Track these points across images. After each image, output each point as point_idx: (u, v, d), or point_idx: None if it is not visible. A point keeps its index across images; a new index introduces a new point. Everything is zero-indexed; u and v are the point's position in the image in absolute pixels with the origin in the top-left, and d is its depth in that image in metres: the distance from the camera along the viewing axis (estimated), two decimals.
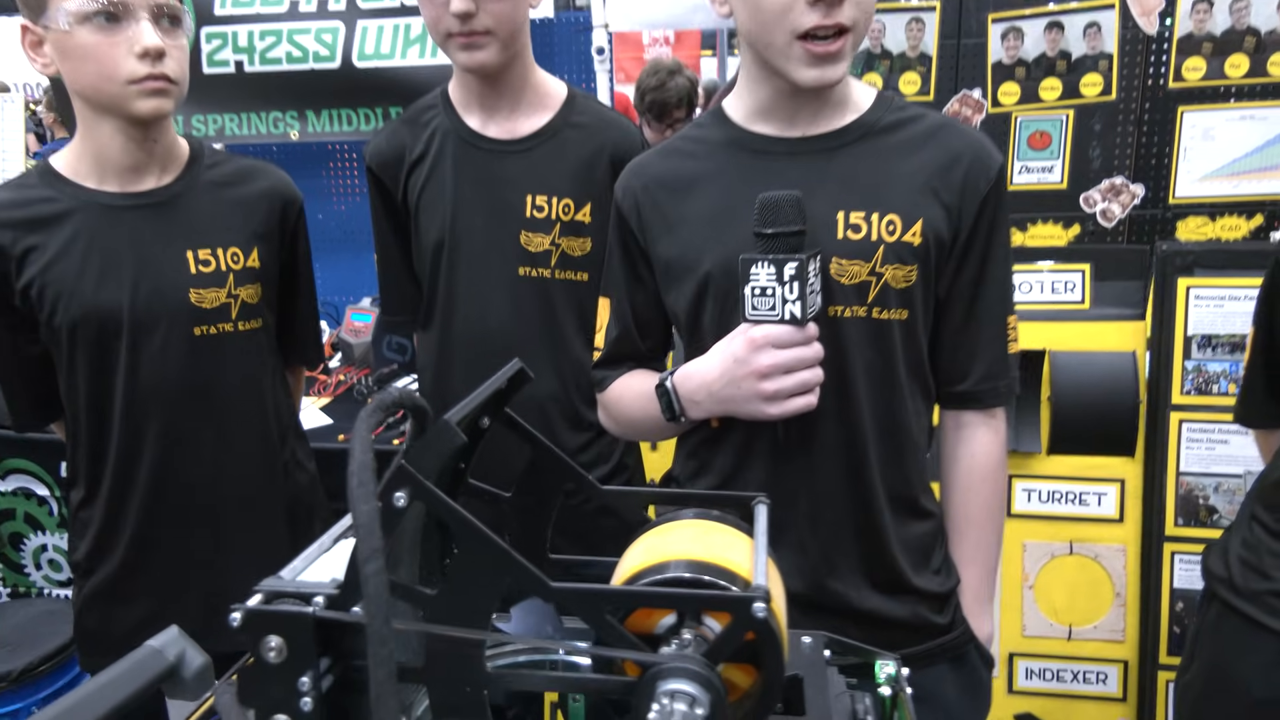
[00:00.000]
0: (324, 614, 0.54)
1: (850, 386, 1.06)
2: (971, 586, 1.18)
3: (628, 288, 1.17)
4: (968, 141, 1.10)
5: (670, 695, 0.50)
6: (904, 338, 1.08)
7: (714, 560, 0.56)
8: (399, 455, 0.54)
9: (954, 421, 1.17)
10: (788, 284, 0.94)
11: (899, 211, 1.05)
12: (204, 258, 1.38)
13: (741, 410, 1.02)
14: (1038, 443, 1.94)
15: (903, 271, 1.05)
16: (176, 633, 0.79)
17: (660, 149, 1.18)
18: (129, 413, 1.36)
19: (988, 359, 1.12)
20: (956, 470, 1.17)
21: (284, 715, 0.54)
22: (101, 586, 1.44)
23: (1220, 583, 1.32)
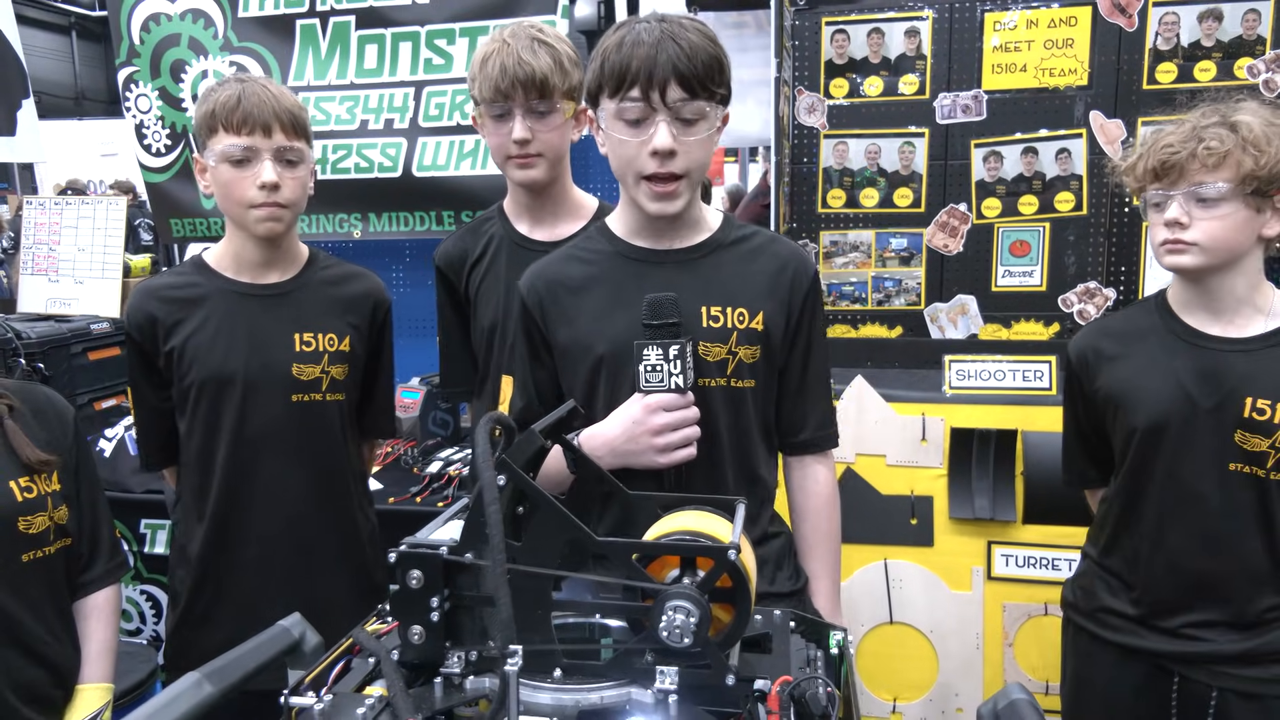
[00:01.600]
0: (448, 557, 0.82)
1: (716, 440, 1.36)
2: (825, 592, 1.47)
3: (531, 368, 1.45)
4: (791, 251, 1.45)
5: (674, 609, 0.78)
6: (754, 401, 1.39)
7: (704, 530, 0.84)
8: (498, 453, 0.83)
9: (799, 464, 1.48)
10: (672, 361, 1.26)
11: (746, 305, 1.37)
12: (307, 339, 1.70)
13: (637, 461, 1.30)
14: (1013, 513, 2.18)
15: (751, 350, 1.37)
16: (299, 617, 1.06)
17: (557, 256, 1.48)
18: (232, 463, 1.66)
19: (819, 413, 1.46)
20: (805, 501, 1.48)
21: (419, 626, 0.82)
22: (194, 614, 1.71)
23: (1070, 608, 1.68)
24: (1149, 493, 1.53)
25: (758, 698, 0.85)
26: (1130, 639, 1.55)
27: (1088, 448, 1.70)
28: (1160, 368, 1.52)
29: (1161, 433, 1.50)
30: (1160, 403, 1.50)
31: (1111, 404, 1.58)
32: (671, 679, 0.79)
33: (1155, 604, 1.53)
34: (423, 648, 0.82)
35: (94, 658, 1.54)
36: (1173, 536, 1.51)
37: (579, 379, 1.40)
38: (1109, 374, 1.58)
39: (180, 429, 1.70)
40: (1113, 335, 1.62)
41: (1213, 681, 1.49)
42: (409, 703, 0.77)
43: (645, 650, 0.81)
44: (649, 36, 1.24)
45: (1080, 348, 1.65)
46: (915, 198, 2.84)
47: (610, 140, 1.32)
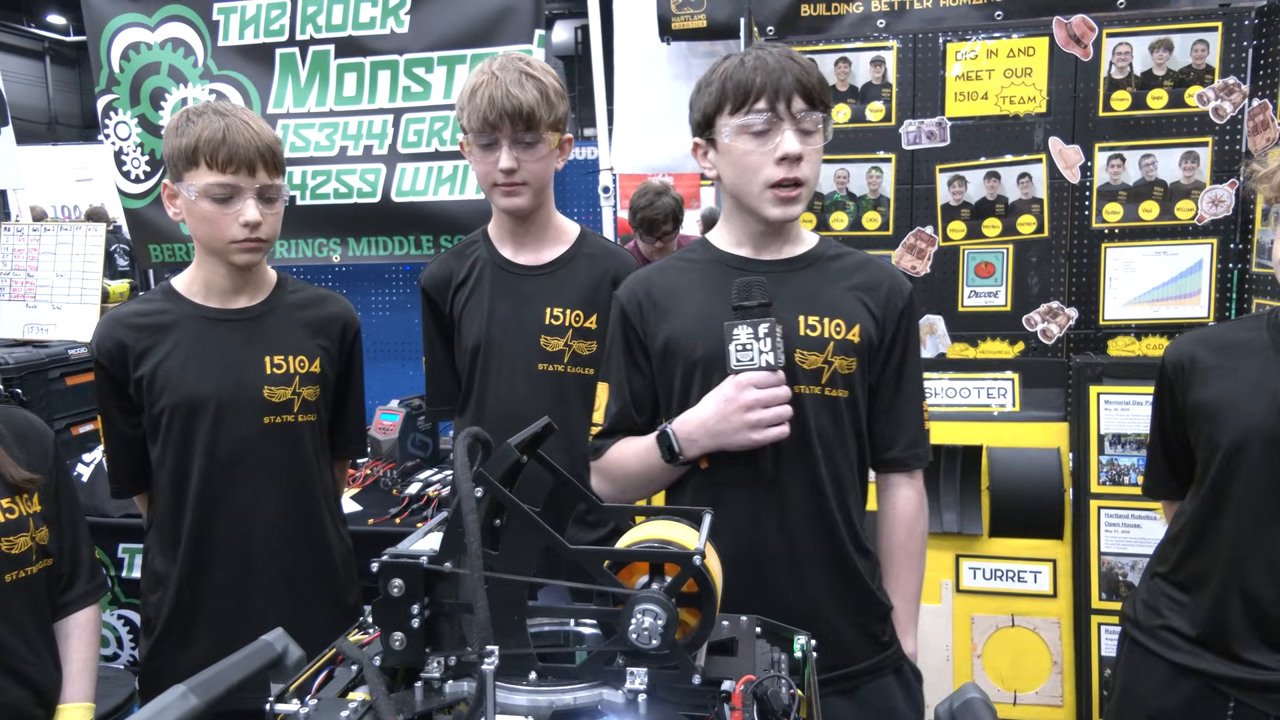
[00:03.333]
0: (428, 566, 0.86)
1: (809, 447, 1.39)
2: (901, 612, 1.49)
3: (627, 373, 1.49)
4: (888, 272, 1.50)
5: (642, 612, 0.82)
6: (846, 411, 1.42)
7: (672, 538, 0.89)
8: (475, 467, 0.87)
9: (884, 482, 1.52)
10: (762, 339, 1.29)
11: (843, 318, 1.41)
12: (278, 362, 1.72)
13: (730, 440, 1.33)
14: (979, 526, 2.24)
15: (846, 361, 1.41)
16: (281, 631, 1.10)
17: (657, 267, 1.55)
18: (206, 486, 1.68)
19: (909, 432, 1.49)
20: (887, 519, 1.51)
21: (400, 632, 0.86)
22: (168, 640, 1.72)
23: (1129, 622, 1.63)
24: (1226, 515, 1.46)
25: (723, 697, 0.89)
26: (1187, 658, 1.51)
27: (1171, 458, 1.63)
28: (1258, 386, 1.43)
29: (1246, 451, 1.42)
30: (1251, 422, 1.42)
31: (1200, 417, 1.50)
32: (641, 680, 0.84)
33: (1220, 628, 1.47)
34: (404, 653, 0.86)
35: (75, 677, 1.55)
36: (1252, 561, 1.44)
37: (676, 381, 1.43)
38: (1203, 385, 1.50)
39: (152, 455, 1.72)
40: (1212, 346, 1.53)
41: (1272, 711, 1.44)
42: (391, 706, 0.80)
43: (616, 653, 0.85)
44: (771, 59, 1.35)
45: (1176, 355, 1.56)
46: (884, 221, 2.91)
47: (733, 153, 1.38)
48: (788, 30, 2.88)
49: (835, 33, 2.83)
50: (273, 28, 3.16)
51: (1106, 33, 2.52)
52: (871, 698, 1.43)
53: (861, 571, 1.43)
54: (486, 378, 1.85)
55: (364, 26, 3.10)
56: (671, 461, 1.39)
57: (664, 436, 1.39)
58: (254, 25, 3.18)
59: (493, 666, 0.70)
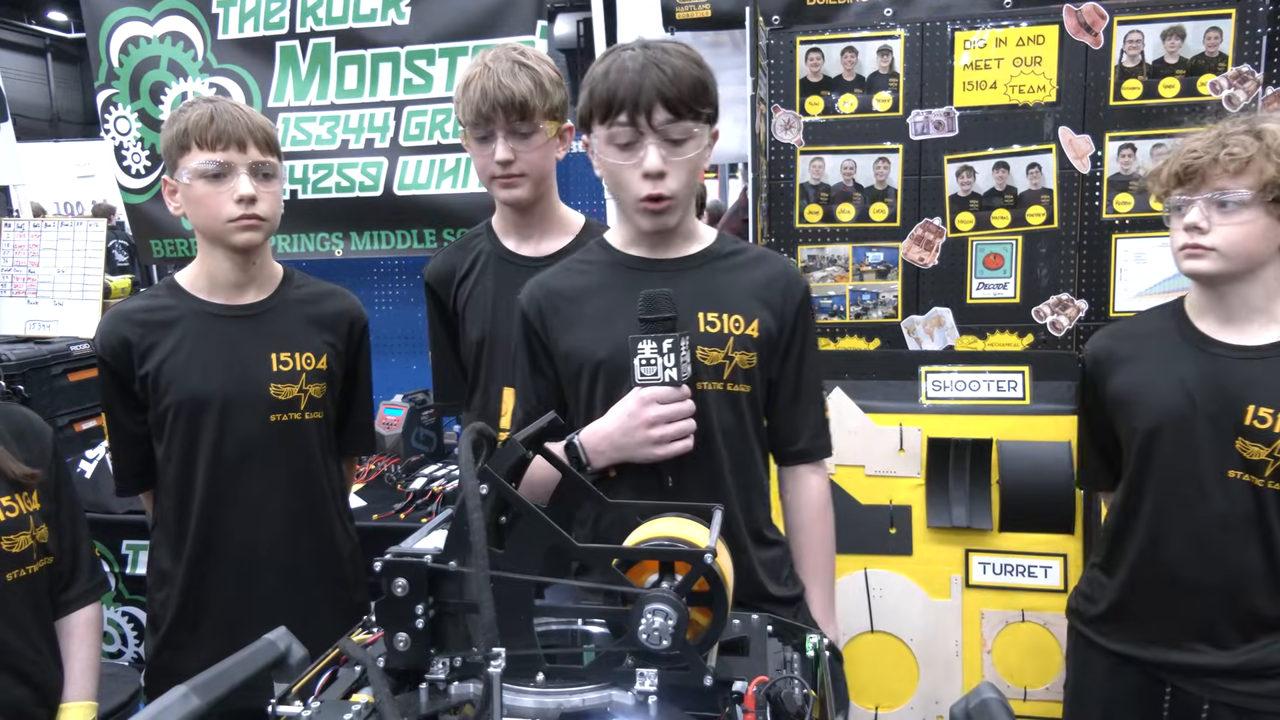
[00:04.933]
0: (432, 565, 0.84)
1: (712, 443, 1.38)
2: (819, 600, 1.49)
3: (533, 378, 1.48)
4: (784, 265, 1.50)
5: (653, 612, 0.80)
6: (749, 406, 1.42)
7: (682, 536, 0.87)
8: (480, 463, 0.85)
9: (791, 474, 1.51)
10: (667, 354, 1.28)
11: (741, 313, 1.41)
12: (284, 359, 1.71)
13: (635, 455, 1.32)
14: (989, 521, 2.22)
15: (746, 356, 1.40)
16: (285, 630, 1.08)
17: (557, 269, 1.52)
18: (212, 482, 1.67)
19: (812, 423, 1.49)
20: (799, 510, 1.50)
21: (404, 633, 0.84)
22: (175, 638, 1.71)
23: (1073, 615, 1.69)
24: (1147, 497, 1.53)
25: (735, 699, 0.87)
26: (1126, 647, 1.56)
27: (1100, 450, 1.70)
28: (1166, 371, 1.52)
29: (1160, 435, 1.50)
30: (1162, 405, 1.51)
31: (1119, 405, 1.58)
32: (651, 681, 0.82)
33: (1150, 613, 1.53)
34: (408, 654, 0.84)
35: (77, 676, 1.54)
36: (1169, 543, 1.51)
37: (581, 385, 1.42)
38: (1119, 376, 1.59)
39: (157, 453, 1.70)
40: (1125, 337, 1.63)
41: (1205, 694, 1.49)
42: (395, 708, 0.78)
43: (625, 654, 0.83)
44: (633, 64, 1.30)
45: (1094, 349, 1.66)
46: (891, 212, 2.88)
47: (604, 165, 1.37)
48: (794, 19, 2.84)
49: (842, 21, 2.79)
50: (272, 20, 3.13)
51: (1117, 20, 2.49)
52: None
53: (763, 567, 1.42)
54: (491, 371, 1.82)
55: (365, 19, 3.08)
56: (581, 472, 1.37)
57: (571, 448, 1.37)
58: (254, 18, 3.15)
59: (499, 669, 0.68)
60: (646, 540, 0.87)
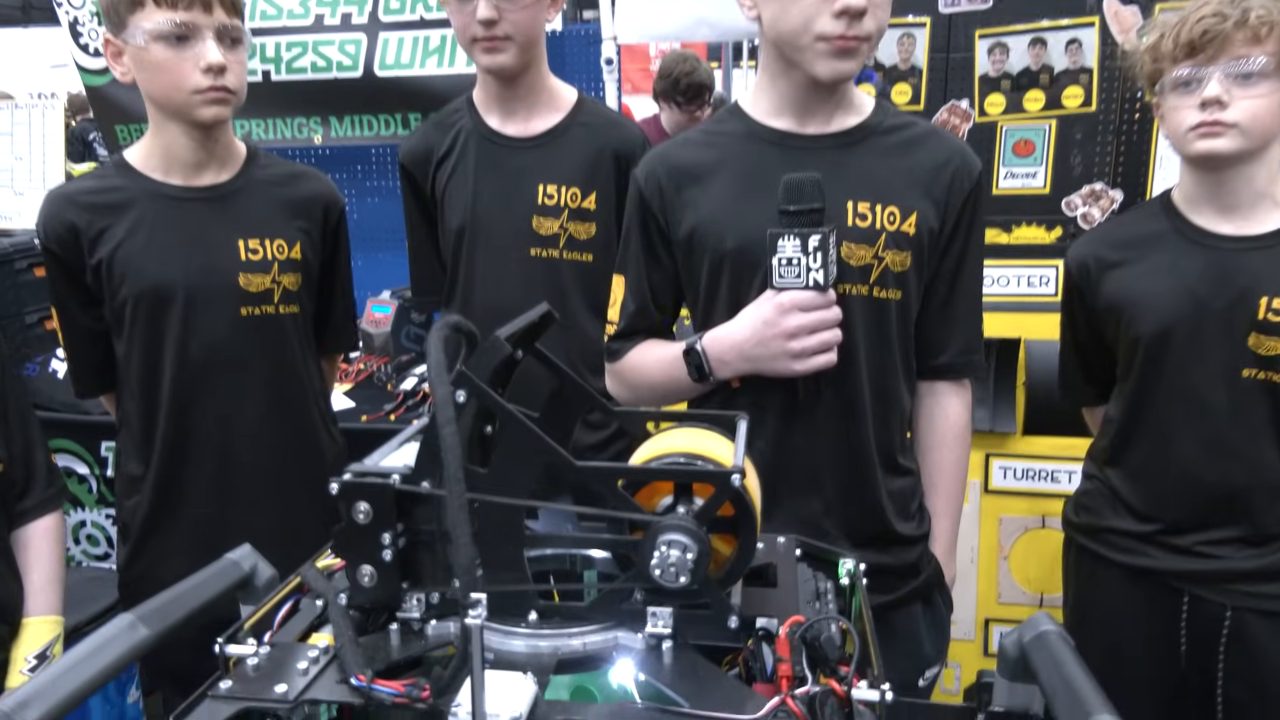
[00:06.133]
0: (401, 486, 0.69)
1: (852, 356, 1.20)
2: (944, 535, 1.35)
3: (646, 266, 1.30)
4: (954, 147, 1.28)
5: (668, 544, 0.66)
6: (897, 315, 1.23)
7: (701, 452, 0.72)
8: (459, 365, 0.70)
9: (930, 391, 1.33)
10: (812, 254, 1.09)
11: (898, 204, 1.21)
12: (253, 246, 1.54)
13: (768, 368, 1.16)
14: (1013, 424, 2.09)
15: (900, 257, 1.21)
16: (249, 549, 0.95)
17: (679, 140, 1.32)
18: (180, 382, 1.52)
19: (964, 336, 1.30)
20: (932, 433, 1.34)
21: (369, 565, 0.70)
22: (147, 546, 1.59)
23: (1072, 527, 1.60)
24: (1156, 405, 1.44)
25: (763, 637, 0.74)
26: (1137, 559, 1.48)
27: (1086, 364, 1.61)
28: (1167, 272, 1.42)
29: (1168, 340, 1.41)
30: (1166, 308, 1.41)
31: (1114, 314, 1.47)
32: (665, 621, 0.69)
33: (1164, 520, 1.45)
34: (375, 590, 0.70)
35: (38, 590, 1.43)
36: (1182, 449, 1.42)
37: (701, 279, 1.24)
38: (1111, 282, 1.48)
39: (117, 351, 1.55)
40: (1114, 242, 1.51)
41: (1226, 600, 1.42)
42: (359, 655, 0.65)
43: (633, 589, 0.70)
44: None
45: (1080, 256, 1.54)
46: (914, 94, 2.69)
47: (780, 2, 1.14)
48: None
49: None
50: None
51: None
52: (892, 625, 1.29)
53: (891, 500, 1.27)
54: (472, 265, 1.66)
55: None
56: (700, 381, 1.22)
57: (692, 354, 1.21)
58: None
59: (480, 620, 0.54)
60: (660, 457, 0.73)
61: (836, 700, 0.65)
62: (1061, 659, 0.77)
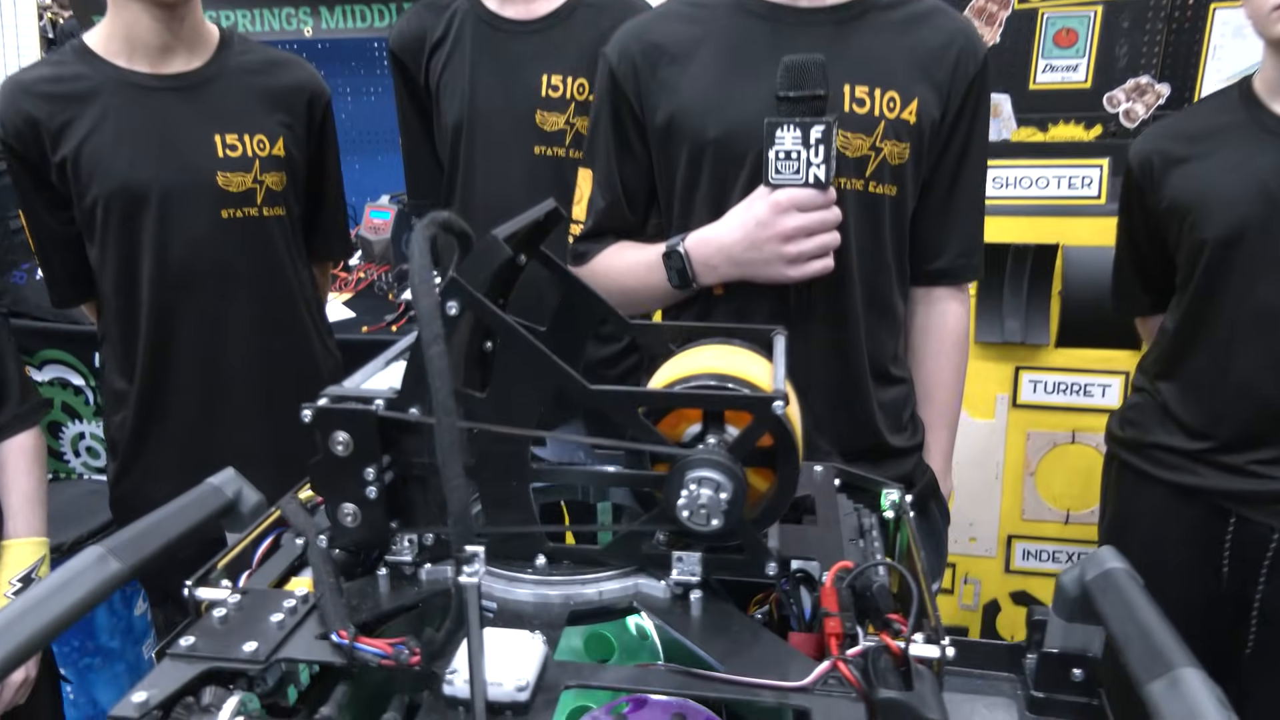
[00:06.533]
0: (385, 413, 0.60)
1: (845, 259, 1.09)
2: (940, 447, 1.26)
3: (617, 157, 1.16)
4: (959, 26, 1.14)
5: (698, 482, 0.57)
6: (892, 214, 1.12)
7: (734, 373, 0.62)
8: (451, 270, 0.59)
9: (926, 296, 1.23)
10: (814, 147, 0.96)
11: (898, 89, 1.08)
12: (231, 142, 1.41)
13: (760, 274, 1.04)
14: (1046, 335, 1.99)
15: (898, 148, 1.09)
16: (233, 473, 0.86)
17: (658, 13, 1.18)
18: (160, 290, 1.41)
19: (964, 236, 1.19)
20: (929, 342, 1.24)
21: (351, 504, 0.61)
22: (136, 463, 1.51)
23: (1116, 443, 1.52)
24: (1220, 313, 1.34)
25: (801, 579, 0.66)
26: (1184, 477, 1.40)
27: (1143, 270, 1.50)
28: (1240, 168, 1.30)
29: (1237, 244, 1.30)
30: (1237, 209, 1.29)
31: (1178, 215, 1.36)
32: (693, 567, 0.60)
33: (1216, 438, 1.36)
34: (359, 530, 0.61)
35: (18, 510, 1.36)
36: (1245, 361, 1.32)
37: (678, 172, 1.11)
38: (1177, 180, 1.36)
39: (91, 257, 1.44)
40: (1183, 136, 1.39)
41: (1275, 522, 1.34)
42: (341, 606, 0.57)
43: (655, 530, 0.60)
44: None
45: (1144, 152, 1.42)
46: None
47: None
48: None
49: None
50: None
51: None
52: None
53: (882, 412, 1.18)
54: (471, 165, 1.53)
55: None
56: (680, 287, 1.10)
57: (673, 257, 1.08)
58: None
59: (477, 577, 0.45)
60: (686, 378, 0.62)
61: (891, 657, 0.56)
62: (1133, 601, 0.68)
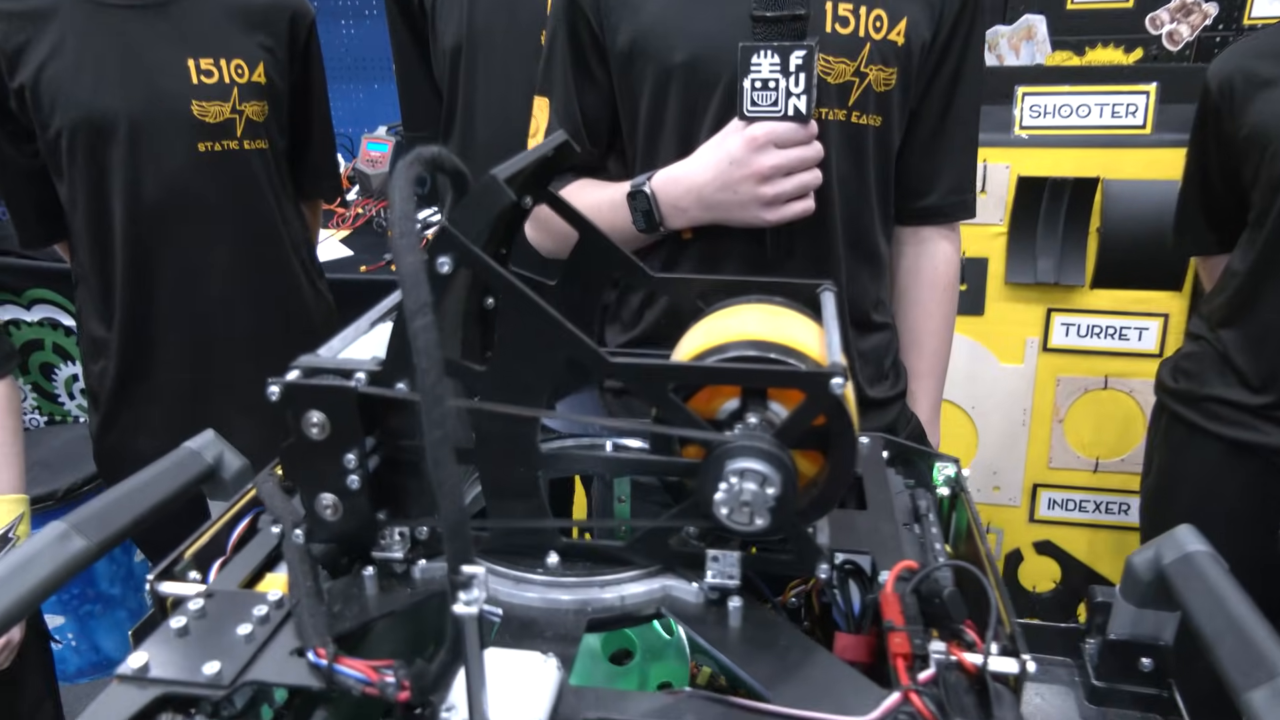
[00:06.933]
0: (367, 389, 0.50)
1: (826, 197, 0.98)
2: (929, 399, 1.17)
3: (576, 84, 1.04)
4: None
5: (740, 474, 0.47)
6: (876, 146, 1.01)
7: (783, 340, 0.52)
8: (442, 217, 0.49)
9: (914, 236, 1.13)
10: (793, 75, 0.85)
11: (885, 7, 0.96)
12: (206, 67, 1.30)
13: (734, 217, 0.95)
14: (1082, 276, 1.88)
15: (885, 74, 0.98)
16: (213, 435, 0.78)
17: None
18: (133, 230, 1.32)
19: (955, 171, 1.09)
20: (918, 285, 1.14)
21: (330, 494, 0.52)
22: (119, 414, 1.43)
23: (1168, 394, 1.42)
24: None
25: (850, 572, 0.57)
26: (1242, 433, 1.31)
27: (1212, 204, 1.39)
28: None
29: None
30: None
31: (1259, 143, 1.24)
32: (730, 569, 0.51)
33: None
34: (340, 524, 0.53)
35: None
36: None
37: (642, 101, 1.00)
38: (1261, 104, 1.24)
39: (60, 194, 1.34)
40: (1268, 54, 1.27)
41: None
42: (320, 617, 0.48)
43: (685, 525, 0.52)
44: None
45: (1224, 72, 1.30)
46: None
47: None
48: None
49: None
50: None
51: None
52: None
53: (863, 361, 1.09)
54: (472, 91, 1.41)
55: None
56: (647, 231, 0.99)
57: (639, 197, 0.98)
58: None
59: (475, 606, 0.36)
60: (722, 346, 0.52)
61: (965, 677, 0.48)
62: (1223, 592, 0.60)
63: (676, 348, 0.58)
